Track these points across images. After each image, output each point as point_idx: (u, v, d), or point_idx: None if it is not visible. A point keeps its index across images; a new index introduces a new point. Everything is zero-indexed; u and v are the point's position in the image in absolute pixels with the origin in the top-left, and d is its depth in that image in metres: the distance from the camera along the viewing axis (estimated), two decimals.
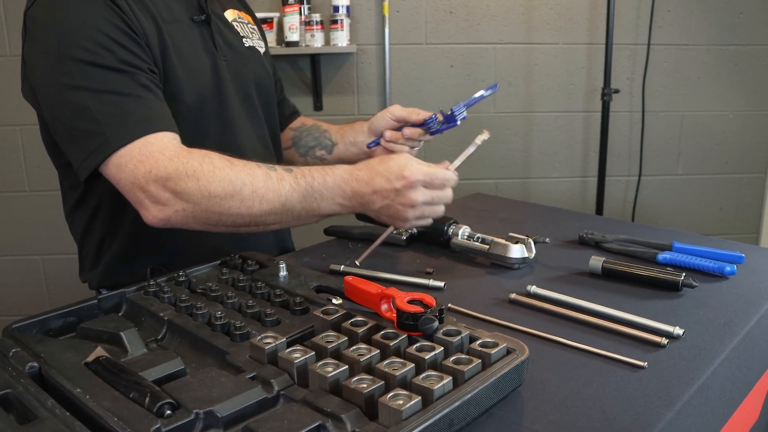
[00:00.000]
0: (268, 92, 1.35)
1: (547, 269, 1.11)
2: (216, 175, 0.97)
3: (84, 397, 0.63)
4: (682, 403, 0.72)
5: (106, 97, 0.98)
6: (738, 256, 1.09)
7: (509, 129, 2.91)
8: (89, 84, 0.98)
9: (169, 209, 0.97)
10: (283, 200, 0.99)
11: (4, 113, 2.69)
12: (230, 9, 1.31)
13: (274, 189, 0.99)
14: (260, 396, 0.64)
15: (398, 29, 2.76)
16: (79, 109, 0.99)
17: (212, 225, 1.01)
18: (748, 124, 2.99)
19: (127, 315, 0.88)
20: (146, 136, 0.97)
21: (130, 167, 0.97)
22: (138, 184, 0.97)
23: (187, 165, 0.96)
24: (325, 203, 1.01)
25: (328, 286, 0.92)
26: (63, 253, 2.83)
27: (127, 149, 0.97)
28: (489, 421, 0.68)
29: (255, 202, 0.98)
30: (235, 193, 0.97)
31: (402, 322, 0.74)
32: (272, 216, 1.00)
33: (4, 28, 2.62)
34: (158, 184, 0.96)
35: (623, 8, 2.78)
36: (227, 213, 0.98)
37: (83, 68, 0.98)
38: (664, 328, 0.86)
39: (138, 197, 0.98)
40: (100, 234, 1.20)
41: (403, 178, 0.99)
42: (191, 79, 1.13)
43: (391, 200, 1.00)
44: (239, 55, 1.26)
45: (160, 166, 0.96)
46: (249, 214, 0.99)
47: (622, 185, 3.01)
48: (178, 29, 1.13)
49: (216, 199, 0.97)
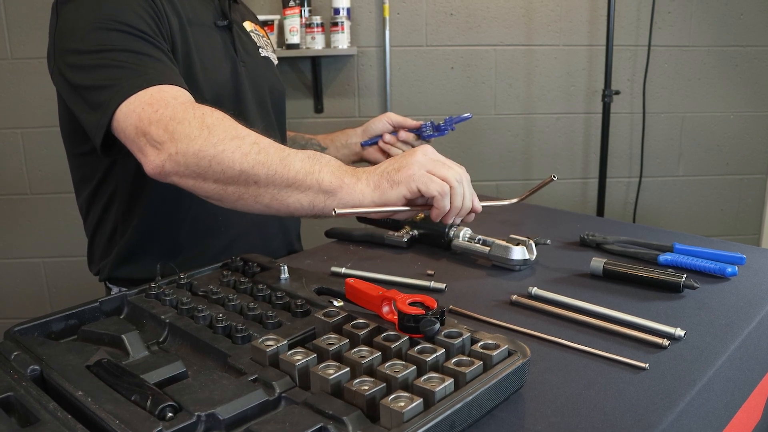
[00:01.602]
0: (281, 102, 1.39)
1: (548, 271, 1.11)
2: (222, 121, 0.94)
3: (86, 399, 0.63)
4: (683, 405, 0.71)
5: (124, 55, 1.01)
6: (739, 257, 1.09)
7: (510, 130, 2.91)
8: (110, 45, 1.01)
9: (164, 153, 0.93)
10: (284, 155, 0.92)
11: (5, 116, 2.70)
12: (248, 21, 1.37)
13: (277, 147, 0.94)
14: (262, 398, 0.64)
15: (399, 31, 2.77)
16: (95, 69, 1.01)
17: (201, 175, 0.94)
18: (749, 125, 2.99)
19: (128, 317, 0.88)
20: (161, 85, 0.98)
21: (138, 111, 0.96)
22: (141, 127, 0.95)
23: (197, 110, 0.95)
24: (327, 171, 0.92)
25: (329, 289, 0.92)
26: (64, 256, 2.84)
27: (139, 95, 0.97)
28: (490, 423, 0.68)
29: (253, 149, 0.92)
30: (235, 137, 0.93)
31: (403, 324, 0.74)
32: (264, 169, 0.91)
33: (5, 32, 2.62)
34: (161, 124, 0.94)
35: (623, 10, 2.78)
36: (221, 156, 0.91)
37: (107, 34, 1.01)
38: (665, 330, 0.86)
39: (139, 144, 0.96)
40: (112, 225, 1.23)
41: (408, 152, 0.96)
42: (210, 80, 1.17)
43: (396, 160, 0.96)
44: (256, 62, 1.31)
45: (170, 107, 0.95)
46: (243, 161, 0.91)
47: (623, 186, 3.01)
48: (202, 31, 1.18)
49: (213, 139, 0.92)
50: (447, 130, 1.36)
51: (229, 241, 1.24)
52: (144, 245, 1.21)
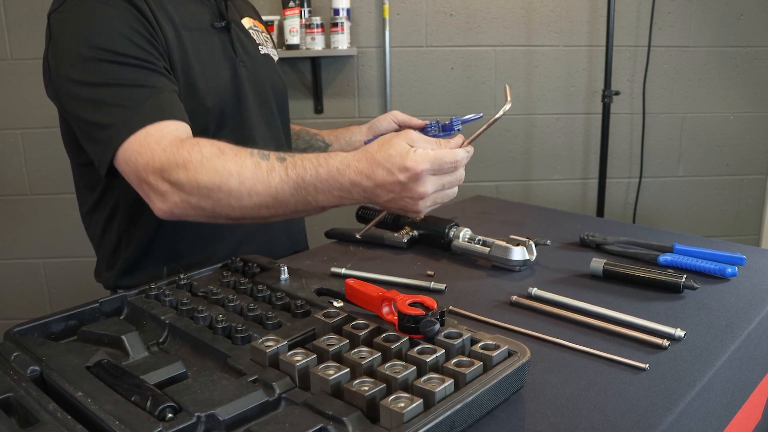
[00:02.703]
0: (284, 98, 1.38)
1: (548, 271, 1.11)
2: (203, 165, 0.94)
3: (86, 400, 0.63)
4: (683, 405, 0.71)
5: (118, 90, 1.00)
6: (739, 257, 1.09)
7: (510, 131, 2.91)
8: (104, 79, 1.01)
9: (169, 201, 0.97)
10: (274, 193, 0.94)
11: (5, 117, 2.70)
12: (247, 17, 1.35)
13: (263, 181, 0.93)
14: (262, 399, 0.64)
15: (399, 32, 2.77)
16: (95, 104, 1.01)
17: (210, 216, 0.98)
18: (749, 126, 2.99)
19: (128, 318, 0.88)
20: (147, 127, 0.98)
21: (133, 159, 0.98)
22: (140, 176, 0.98)
23: (177, 155, 0.95)
24: (322, 196, 0.93)
25: (329, 289, 0.92)
26: (64, 257, 2.84)
27: (131, 141, 0.98)
28: (490, 423, 0.68)
29: (243, 194, 0.94)
30: (222, 184, 0.93)
31: (403, 325, 0.74)
32: (265, 210, 0.96)
33: (5, 33, 2.62)
34: (156, 175, 0.96)
35: (623, 10, 2.78)
36: (218, 206, 0.96)
37: (99, 65, 1.01)
38: (665, 330, 0.86)
39: (143, 190, 0.99)
40: (117, 236, 1.22)
41: (407, 170, 0.89)
42: (211, 84, 1.15)
43: (398, 194, 0.91)
44: (256, 61, 1.29)
45: (155, 156, 0.96)
46: (240, 206, 0.95)
47: (623, 187, 3.01)
48: (199, 35, 1.16)
49: (205, 190, 0.94)
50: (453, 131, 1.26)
51: (234, 245, 1.23)
52: (149, 254, 1.20)
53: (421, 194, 0.90)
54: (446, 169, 0.91)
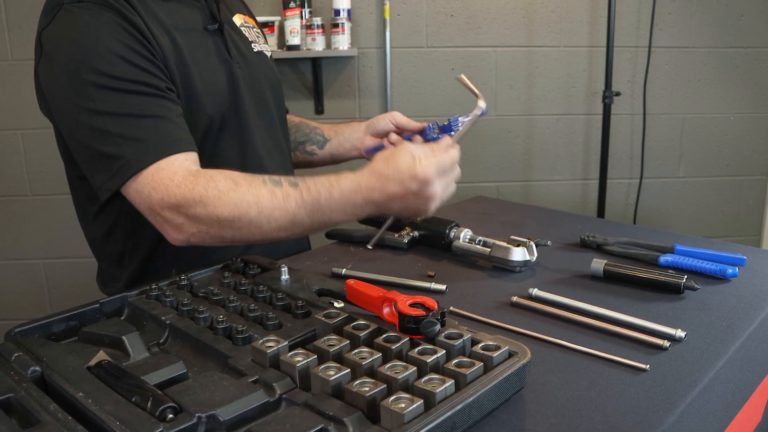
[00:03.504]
0: (280, 94, 1.37)
1: (548, 272, 1.11)
2: (221, 200, 0.97)
3: (86, 401, 0.63)
4: (684, 406, 0.71)
5: (125, 120, 1.00)
6: (740, 258, 1.09)
7: (510, 132, 2.91)
8: (108, 108, 1.00)
9: (186, 232, 1.00)
10: (291, 217, 0.99)
11: (5, 117, 2.70)
12: (237, 14, 1.33)
13: (281, 207, 0.99)
14: (262, 399, 0.65)
15: (399, 32, 2.77)
16: (98, 133, 1.00)
17: (229, 243, 1.03)
18: (750, 127, 2.99)
19: (129, 319, 0.88)
20: (158, 162, 0.99)
21: (145, 193, 0.99)
22: (154, 210, 1.00)
23: (194, 191, 0.97)
24: (336, 215, 1.00)
25: (329, 290, 0.92)
26: (64, 257, 2.84)
27: (143, 175, 0.99)
28: (491, 424, 0.68)
29: (263, 221, 0.99)
30: (242, 215, 0.98)
31: (404, 326, 0.74)
32: (283, 232, 1.01)
33: (6, 33, 2.63)
34: (172, 210, 0.98)
35: (624, 11, 2.78)
36: (238, 234, 1.00)
37: (101, 92, 1.00)
38: (666, 331, 0.86)
39: (157, 221, 1.02)
40: (121, 248, 1.21)
41: (417, 179, 0.97)
42: (209, 89, 1.14)
43: (411, 202, 0.99)
44: (251, 60, 1.27)
45: (171, 193, 0.98)
46: (260, 233, 1.00)
47: (624, 188, 3.01)
48: (193, 39, 1.14)
49: (225, 222, 0.98)
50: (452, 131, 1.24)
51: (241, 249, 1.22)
52: (154, 263, 1.19)
53: (432, 197, 0.99)
54: (448, 169, 1.01)
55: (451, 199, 1.06)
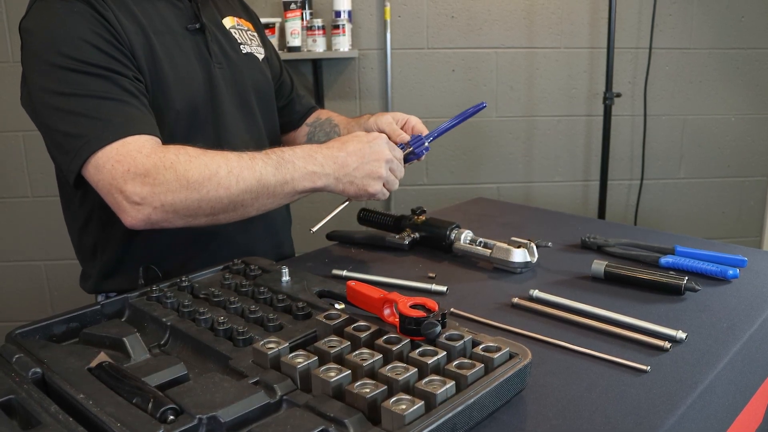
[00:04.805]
0: (268, 98, 1.36)
1: (549, 273, 1.11)
2: (192, 163, 0.99)
3: (87, 402, 0.63)
4: (685, 408, 0.71)
5: (88, 101, 1.01)
6: (741, 259, 1.09)
7: (511, 133, 2.91)
8: (72, 89, 1.01)
9: (148, 207, 0.98)
10: (258, 175, 1.01)
11: (7, 119, 2.71)
12: (229, 16, 1.33)
13: (248, 166, 1.01)
14: (263, 401, 0.65)
15: (400, 34, 2.77)
16: (62, 113, 1.01)
17: (192, 215, 1.01)
18: (751, 128, 2.99)
19: (129, 320, 0.88)
20: (124, 138, 0.99)
21: (108, 167, 0.98)
22: (116, 184, 0.98)
23: (165, 158, 0.98)
24: (298, 173, 1.04)
25: (330, 291, 0.92)
26: (65, 259, 2.84)
27: (105, 150, 0.98)
28: (492, 426, 0.68)
29: (232, 181, 1.00)
30: (212, 175, 0.99)
31: (405, 327, 0.74)
32: (249, 194, 1.02)
33: (7, 34, 2.63)
34: (136, 181, 0.97)
35: (624, 12, 2.79)
36: (206, 197, 0.99)
37: (67, 74, 1.01)
38: (666, 332, 0.86)
39: (116, 199, 0.99)
40: (93, 241, 1.22)
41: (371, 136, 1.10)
42: (182, 87, 1.14)
43: (365, 156, 1.07)
44: (236, 62, 1.27)
45: (138, 163, 0.97)
46: (227, 195, 1.00)
47: (625, 189, 3.01)
48: (170, 39, 1.16)
49: (195, 185, 0.98)
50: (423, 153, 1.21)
51: (215, 246, 1.21)
52: (125, 259, 1.19)
53: (382, 155, 1.08)
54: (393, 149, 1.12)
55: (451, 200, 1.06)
